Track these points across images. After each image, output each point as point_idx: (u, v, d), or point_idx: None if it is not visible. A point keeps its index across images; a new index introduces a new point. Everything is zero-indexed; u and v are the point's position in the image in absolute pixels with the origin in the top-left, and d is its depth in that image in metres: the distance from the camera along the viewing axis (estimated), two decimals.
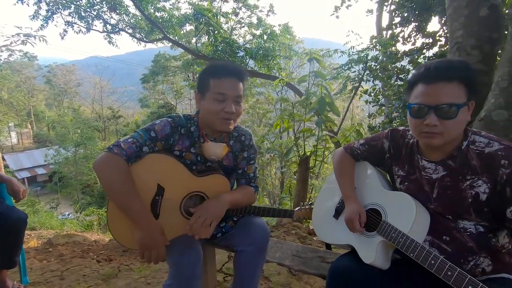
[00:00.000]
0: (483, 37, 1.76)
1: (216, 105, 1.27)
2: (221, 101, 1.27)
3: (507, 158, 0.94)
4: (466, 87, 0.98)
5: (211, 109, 1.28)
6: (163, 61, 21.32)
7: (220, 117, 1.28)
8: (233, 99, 1.28)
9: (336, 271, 1.19)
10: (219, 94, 1.26)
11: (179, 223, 1.32)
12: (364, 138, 1.40)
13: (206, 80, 1.30)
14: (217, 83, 1.27)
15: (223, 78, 1.27)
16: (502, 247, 1.04)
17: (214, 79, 1.28)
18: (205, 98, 1.30)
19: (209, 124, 1.33)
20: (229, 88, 1.27)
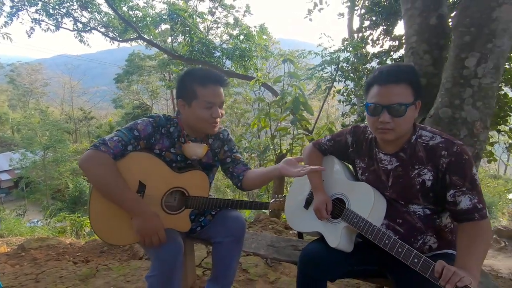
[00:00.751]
0: (433, 43, 1.97)
1: (205, 113, 1.35)
2: (209, 108, 1.36)
3: (447, 150, 1.10)
4: (413, 89, 1.13)
5: (201, 116, 1.35)
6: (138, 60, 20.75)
7: (210, 122, 1.37)
8: (219, 105, 1.39)
9: (305, 256, 1.31)
10: (208, 102, 1.35)
11: (161, 219, 1.37)
12: (330, 134, 1.53)
13: (191, 88, 1.36)
14: (205, 92, 1.34)
15: (210, 86, 1.35)
16: (445, 226, 1.20)
17: (200, 87, 1.34)
18: (192, 105, 1.36)
19: (196, 128, 1.42)
20: (216, 96, 1.36)
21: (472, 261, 0.98)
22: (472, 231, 1.05)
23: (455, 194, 1.08)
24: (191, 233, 1.57)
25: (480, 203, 1.06)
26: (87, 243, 2.76)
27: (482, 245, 1.02)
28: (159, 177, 1.36)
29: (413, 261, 0.99)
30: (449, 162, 1.09)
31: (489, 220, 1.08)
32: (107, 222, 1.30)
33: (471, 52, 1.59)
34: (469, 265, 0.97)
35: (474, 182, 1.07)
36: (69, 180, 17.51)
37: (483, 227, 1.05)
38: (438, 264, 0.92)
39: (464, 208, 1.06)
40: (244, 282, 2.01)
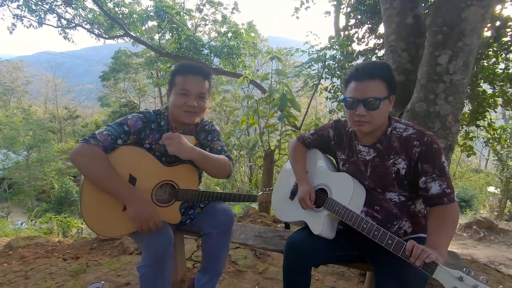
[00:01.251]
0: (410, 42, 2.08)
1: (179, 99, 1.40)
2: (184, 96, 1.40)
3: (418, 140, 1.19)
4: (386, 84, 1.21)
5: (175, 103, 1.41)
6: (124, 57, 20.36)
7: (183, 110, 1.41)
8: (197, 95, 1.42)
9: (291, 244, 1.38)
10: (182, 89, 1.40)
11: None
12: (314, 129, 1.61)
13: (173, 77, 1.44)
14: (182, 80, 1.41)
15: (188, 75, 1.41)
16: (419, 212, 1.30)
17: (179, 76, 1.42)
18: (172, 93, 1.44)
19: (176, 117, 1.46)
20: (191, 84, 1.41)
21: (441, 240, 1.08)
22: (441, 214, 1.15)
23: (426, 180, 1.17)
24: (181, 226, 1.62)
25: (448, 188, 1.15)
26: (76, 241, 2.76)
27: (450, 226, 1.12)
28: (149, 171, 1.40)
29: (387, 242, 1.07)
30: (421, 151, 1.18)
31: (457, 204, 1.18)
32: (99, 213, 1.34)
33: (443, 50, 1.70)
34: (437, 243, 1.06)
35: (443, 169, 1.17)
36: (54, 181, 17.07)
37: (451, 210, 1.14)
38: (409, 244, 1.01)
39: (434, 193, 1.16)
40: (233, 274, 2.07)
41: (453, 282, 0.88)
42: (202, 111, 1.46)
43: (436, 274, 0.92)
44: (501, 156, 8.57)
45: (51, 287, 1.80)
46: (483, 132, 5.98)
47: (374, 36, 5.50)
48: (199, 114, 1.46)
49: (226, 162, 1.52)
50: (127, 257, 2.23)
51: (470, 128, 4.57)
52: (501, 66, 4.02)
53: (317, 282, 2.05)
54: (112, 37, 9.89)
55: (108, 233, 1.40)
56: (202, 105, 1.45)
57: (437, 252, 1.00)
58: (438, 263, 0.93)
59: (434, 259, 0.94)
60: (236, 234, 1.77)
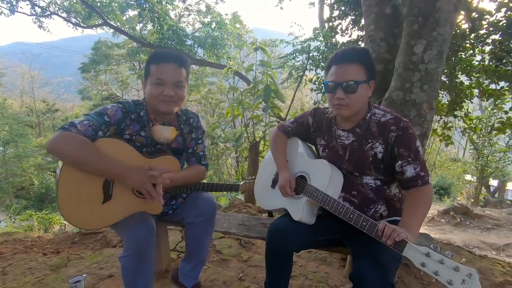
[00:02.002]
0: (388, 31, 2.12)
1: (155, 89, 1.37)
2: (160, 85, 1.37)
3: (395, 125, 1.24)
4: (365, 69, 1.25)
5: (151, 93, 1.38)
6: (105, 48, 19.65)
7: (159, 99, 1.38)
8: (173, 83, 1.38)
9: (272, 229, 1.41)
10: (157, 78, 1.36)
11: (132, 202, 1.40)
12: (294, 117, 1.63)
13: (147, 66, 1.40)
14: (156, 68, 1.37)
15: (162, 64, 1.37)
16: (394, 196, 1.35)
17: (153, 65, 1.38)
18: (147, 83, 1.40)
19: (153, 107, 1.42)
20: (166, 73, 1.37)
21: (413, 220, 1.13)
22: (415, 196, 1.20)
23: (402, 164, 1.22)
24: (163, 216, 1.62)
25: (423, 171, 1.21)
26: (57, 236, 2.70)
27: (422, 207, 1.18)
28: (129, 162, 1.36)
29: (362, 224, 1.11)
30: (397, 136, 1.23)
31: (431, 186, 1.23)
32: (78, 207, 1.31)
33: (419, 39, 1.75)
34: (410, 223, 1.12)
35: (417, 153, 1.22)
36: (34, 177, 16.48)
37: (425, 191, 1.20)
38: (381, 224, 1.06)
39: (409, 176, 1.21)
40: (218, 262, 2.10)
41: (421, 258, 0.93)
42: (180, 100, 1.43)
43: (406, 251, 0.97)
44: (477, 145, 8.95)
45: (30, 282, 1.76)
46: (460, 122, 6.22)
47: (357, 27, 5.55)
48: (177, 103, 1.42)
49: (202, 172, 1.61)
50: (110, 249, 2.21)
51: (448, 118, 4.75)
52: (477, 58, 4.16)
53: (300, 268, 2.10)
54: (90, 26, 9.48)
55: (88, 226, 1.38)
56: (180, 94, 1.41)
57: (409, 231, 1.05)
58: (407, 241, 0.98)
59: (403, 237, 0.99)
60: (220, 223, 1.78)
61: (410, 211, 1.17)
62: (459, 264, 0.86)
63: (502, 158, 8.94)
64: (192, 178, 1.57)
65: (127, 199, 1.39)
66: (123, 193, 1.39)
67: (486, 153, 8.95)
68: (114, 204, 1.36)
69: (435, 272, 0.89)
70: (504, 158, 8.92)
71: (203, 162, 1.64)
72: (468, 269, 0.85)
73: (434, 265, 0.90)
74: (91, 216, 1.34)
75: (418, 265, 0.93)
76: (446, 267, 0.88)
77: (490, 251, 5.81)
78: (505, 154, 8.87)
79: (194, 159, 1.62)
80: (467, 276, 0.84)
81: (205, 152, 1.65)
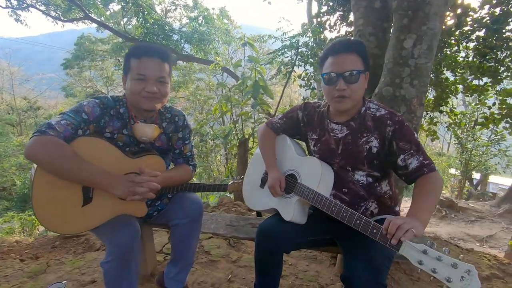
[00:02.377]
0: (377, 26, 2.10)
1: (137, 85, 1.28)
2: (142, 81, 1.28)
3: (391, 119, 1.21)
4: (362, 59, 1.21)
5: (132, 89, 1.29)
6: (88, 44, 19.06)
7: (142, 96, 1.30)
8: (155, 79, 1.30)
9: (262, 231, 1.36)
10: (138, 74, 1.28)
11: (115, 205, 1.32)
12: (282, 113, 1.58)
13: (127, 61, 1.31)
14: (137, 64, 1.28)
15: (143, 58, 1.28)
16: (384, 193, 1.32)
17: (134, 59, 1.29)
18: (128, 78, 1.31)
19: (134, 104, 1.34)
20: (149, 69, 1.28)
21: (422, 208, 1.07)
22: (423, 183, 1.14)
23: (405, 158, 1.18)
24: (148, 218, 1.54)
25: (426, 160, 1.16)
26: (37, 240, 2.57)
27: (432, 193, 1.11)
28: (111, 163, 1.28)
29: (355, 222, 1.07)
30: (394, 130, 1.20)
31: (439, 173, 1.17)
32: (55, 211, 1.22)
33: (408, 34, 1.72)
34: (418, 211, 1.05)
35: (418, 144, 1.19)
36: (15, 177, 15.91)
37: (432, 178, 1.14)
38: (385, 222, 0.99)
39: (414, 167, 1.16)
40: (206, 264, 2.04)
41: (418, 256, 0.90)
42: (163, 96, 1.35)
43: (402, 250, 0.93)
44: (461, 139, 9.17)
45: None
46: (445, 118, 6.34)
47: (345, 23, 5.55)
48: (160, 100, 1.34)
49: (189, 173, 1.54)
50: (93, 253, 2.12)
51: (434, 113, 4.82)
52: (462, 54, 4.22)
53: (290, 267, 2.07)
54: (71, 20, 9.07)
55: (67, 230, 1.29)
56: (163, 90, 1.33)
57: (417, 220, 0.99)
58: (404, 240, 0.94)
59: (410, 237, 0.93)
60: (207, 224, 1.72)
61: (418, 199, 1.10)
62: (457, 261, 0.83)
63: (485, 152, 9.19)
64: (179, 178, 1.50)
65: (109, 201, 1.31)
66: (105, 195, 1.30)
67: (470, 147, 9.18)
68: (95, 207, 1.28)
69: (433, 270, 0.85)
70: (486, 152, 9.17)
71: (190, 163, 1.57)
72: (467, 266, 0.82)
73: (431, 262, 0.87)
74: (70, 220, 1.25)
75: (415, 263, 0.89)
76: (444, 264, 0.85)
77: (474, 242, 5.98)
78: (487, 148, 9.13)
79: (182, 160, 1.55)
80: (465, 272, 0.82)
81: (192, 152, 1.58)
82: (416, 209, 1.07)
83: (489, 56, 3.87)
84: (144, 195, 1.22)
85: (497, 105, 4.37)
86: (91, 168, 1.17)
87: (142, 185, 1.22)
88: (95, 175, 1.17)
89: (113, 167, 1.27)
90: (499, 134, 8.27)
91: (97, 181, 1.18)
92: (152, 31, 7.91)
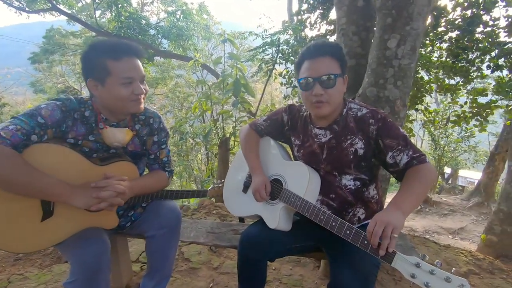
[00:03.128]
0: (360, 25, 2.07)
1: (125, 90, 1.16)
2: (129, 84, 1.17)
3: (373, 118, 1.17)
4: (339, 62, 1.16)
5: (120, 95, 1.16)
6: (59, 37, 18.00)
7: (131, 100, 1.18)
8: (141, 79, 1.20)
9: (245, 239, 1.29)
10: (125, 78, 1.15)
11: (80, 217, 1.19)
12: (266, 114, 1.51)
13: (101, 63, 1.15)
14: (120, 66, 1.14)
15: (125, 59, 1.15)
16: (372, 197, 1.29)
17: (113, 61, 1.14)
18: (106, 84, 1.16)
19: (116, 110, 1.22)
20: (134, 70, 1.17)
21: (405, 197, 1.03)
22: (411, 173, 1.10)
23: (394, 155, 1.13)
24: (119, 230, 1.42)
25: (416, 153, 1.12)
26: None
27: (419, 183, 1.05)
28: (74, 172, 1.15)
29: (345, 232, 1.02)
30: (378, 128, 1.15)
31: (431, 165, 1.12)
32: (9, 228, 1.07)
33: (392, 33, 1.70)
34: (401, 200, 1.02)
35: (406, 139, 1.14)
36: None
37: (423, 169, 1.09)
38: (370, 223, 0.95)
39: (404, 163, 1.12)
40: (186, 272, 1.94)
41: (411, 269, 0.86)
42: (146, 95, 1.26)
43: (394, 262, 0.90)
44: (435, 136, 9.57)
45: None
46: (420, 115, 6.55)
47: (325, 22, 5.57)
48: (144, 99, 1.25)
49: (165, 180, 1.43)
50: (62, 266, 1.95)
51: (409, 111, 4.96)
52: (436, 55, 4.36)
53: (274, 271, 2.02)
54: (37, 11, 8.40)
55: (23, 249, 1.14)
56: (146, 89, 1.24)
57: (397, 209, 0.96)
58: (396, 252, 0.91)
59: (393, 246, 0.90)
60: (186, 232, 1.62)
61: (403, 188, 1.07)
62: (450, 275, 0.80)
63: (456, 148, 9.66)
64: (154, 185, 1.39)
65: (74, 214, 1.18)
66: (68, 207, 1.17)
67: (442, 143, 9.60)
68: (56, 221, 1.15)
69: (426, 284, 0.82)
70: (457, 148, 9.64)
71: (167, 169, 1.46)
72: (460, 280, 0.79)
73: (424, 276, 0.83)
74: (27, 238, 1.11)
75: (407, 277, 0.86)
76: (437, 278, 0.81)
77: (447, 235, 6.27)
78: (458, 145, 9.59)
79: (157, 166, 1.44)
80: (458, 287, 0.79)
81: (169, 157, 1.47)
82: (398, 198, 1.03)
83: (461, 57, 4.02)
84: (111, 200, 1.12)
85: (468, 103, 4.56)
86: (45, 179, 1.04)
87: (107, 189, 1.11)
88: (50, 187, 1.04)
89: (76, 177, 1.14)
90: (469, 131, 8.71)
91: (53, 194, 1.06)
92: (127, 25, 7.52)
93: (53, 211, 1.15)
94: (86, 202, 1.09)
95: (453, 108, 7.91)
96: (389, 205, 1.01)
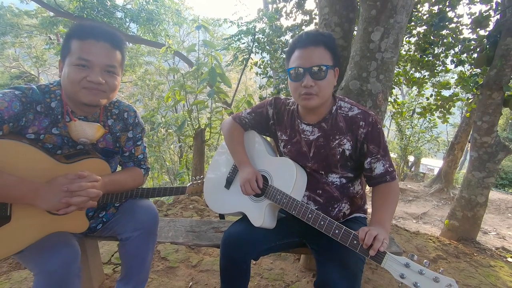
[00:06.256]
0: (343, 16, 2.04)
1: (76, 73, 1.02)
2: (84, 68, 1.02)
3: (364, 120, 1.14)
4: (331, 53, 1.11)
5: (71, 77, 1.02)
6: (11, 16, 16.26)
7: (82, 86, 1.03)
8: (103, 68, 1.05)
9: (228, 239, 1.23)
10: (79, 58, 1.01)
11: (44, 221, 1.06)
12: (250, 107, 1.43)
13: (67, 42, 1.03)
14: (80, 46, 1.02)
15: (89, 41, 1.02)
16: (356, 193, 1.28)
17: (77, 40, 1.02)
18: (65, 64, 1.04)
19: (71, 96, 1.07)
20: (95, 54, 1.03)
21: (385, 216, 1.07)
22: (385, 192, 1.14)
23: (371, 161, 1.15)
24: (90, 233, 1.30)
25: (391, 167, 1.16)
26: None
27: (392, 202, 1.13)
28: (34, 172, 1.01)
29: (334, 232, 1.00)
30: (366, 132, 1.14)
31: (397, 180, 1.20)
32: None
33: (376, 26, 1.69)
34: (382, 219, 1.05)
35: (386, 149, 1.15)
36: None
37: (393, 186, 1.15)
38: (361, 232, 0.95)
39: (378, 173, 1.14)
40: (163, 272, 1.85)
41: (400, 270, 0.86)
42: (112, 90, 1.10)
43: (384, 262, 0.89)
44: (401, 127, 10.07)
45: None
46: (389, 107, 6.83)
47: (301, 11, 5.52)
48: (107, 94, 1.09)
49: (140, 177, 1.33)
50: (22, 272, 1.77)
51: None
52: (405, 48, 4.52)
53: (255, 266, 1.99)
54: None
55: None
56: (111, 83, 1.08)
57: (382, 228, 0.99)
58: (386, 252, 0.90)
59: (385, 247, 0.90)
60: (164, 232, 1.53)
61: (381, 207, 1.11)
62: (438, 275, 0.80)
63: (420, 138, 10.26)
64: (128, 183, 1.27)
65: (35, 218, 1.05)
66: (29, 211, 1.03)
67: (408, 134, 10.14)
68: (15, 228, 1.01)
69: (415, 284, 0.82)
70: (421, 138, 10.25)
71: (142, 166, 1.35)
72: (448, 279, 0.80)
73: (413, 276, 0.83)
74: None
75: (397, 277, 0.85)
76: (426, 278, 0.82)
77: (411, 220, 6.69)
78: (422, 135, 10.20)
79: (132, 164, 1.32)
80: (446, 286, 0.79)
81: (145, 154, 1.36)
82: (379, 218, 1.08)
83: (427, 51, 4.20)
84: (82, 205, 0.99)
85: (433, 96, 4.81)
86: (4, 177, 0.90)
87: (80, 194, 0.98)
88: (10, 188, 0.91)
89: (38, 177, 1.00)
90: (432, 121, 9.27)
91: (15, 195, 0.93)
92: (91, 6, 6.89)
93: (11, 217, 1.00)
94: (53, 204, 0.96)
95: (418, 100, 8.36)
96: (375, 223, 1.05)
